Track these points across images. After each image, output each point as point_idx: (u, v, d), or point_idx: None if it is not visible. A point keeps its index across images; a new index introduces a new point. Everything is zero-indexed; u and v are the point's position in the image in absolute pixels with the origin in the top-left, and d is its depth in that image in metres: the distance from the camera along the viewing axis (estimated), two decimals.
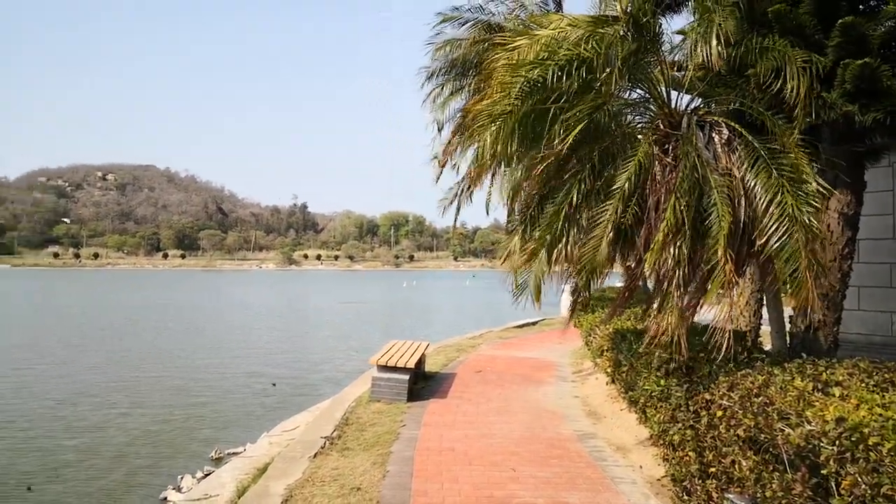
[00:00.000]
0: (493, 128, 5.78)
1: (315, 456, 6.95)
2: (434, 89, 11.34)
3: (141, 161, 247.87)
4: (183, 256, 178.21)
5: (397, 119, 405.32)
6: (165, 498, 8.92)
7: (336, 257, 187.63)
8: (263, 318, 36.54)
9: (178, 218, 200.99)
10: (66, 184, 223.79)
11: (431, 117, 11.53)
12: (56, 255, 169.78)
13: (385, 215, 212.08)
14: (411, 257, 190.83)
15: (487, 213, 12.67)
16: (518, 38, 6.13)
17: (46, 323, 33.31)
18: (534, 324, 21.60)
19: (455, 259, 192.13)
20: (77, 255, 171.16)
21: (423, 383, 10.85)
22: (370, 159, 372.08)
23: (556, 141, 5.70)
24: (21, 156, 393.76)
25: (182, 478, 9.62)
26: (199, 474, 9.75)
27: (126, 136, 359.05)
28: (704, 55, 5.53)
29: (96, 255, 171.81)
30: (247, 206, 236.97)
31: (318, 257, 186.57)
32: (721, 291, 5.32)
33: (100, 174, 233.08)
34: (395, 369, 9.54)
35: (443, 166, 12.79)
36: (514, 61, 5.84)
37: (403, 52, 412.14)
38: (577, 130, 5.62)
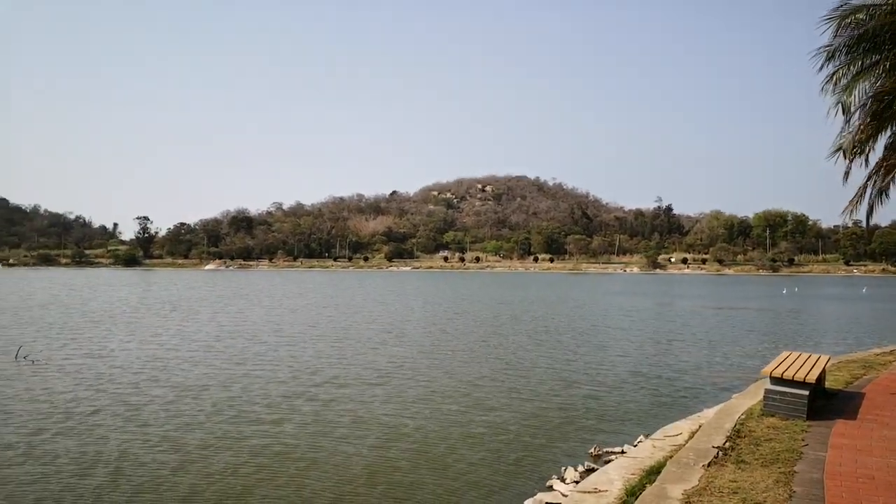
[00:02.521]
0: None
1: (709, 465, 6.74)
2: (837, 69, 9.97)
3: (514, 172, 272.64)
4: (551, 260, 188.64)
5: (774, 108, 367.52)
6: (551, 486, 9.40)
7: (703, 261, 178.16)
8: (640, 321, 36.61)
9: (546, 224, 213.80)
10: (453, 196, 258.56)
11: (833, 101, 10.15)
12: (445, 259, 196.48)
13: (759, 215, 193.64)
14: (791, 261, 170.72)
15: None
16: None
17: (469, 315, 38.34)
18: None
19: (846, 263, 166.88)
20: (462, 259, 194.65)
21: (822, 401, 9.72)
22: (741, 154, 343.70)
23: None
24: (418, 174, 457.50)
25: (565, 469, 10.09)
26: (581, 468, 10.15)
27: (501, 150, 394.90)
28: None
29: (477, 259, 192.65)
30: (610, 210, 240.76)
31: (684, 261, 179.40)
32: None
33: (480, 186, 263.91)
34: (791, 383, 8.71)
35: (844, 155, 11.24)
36: None
37: (779, 35, 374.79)
38: None
